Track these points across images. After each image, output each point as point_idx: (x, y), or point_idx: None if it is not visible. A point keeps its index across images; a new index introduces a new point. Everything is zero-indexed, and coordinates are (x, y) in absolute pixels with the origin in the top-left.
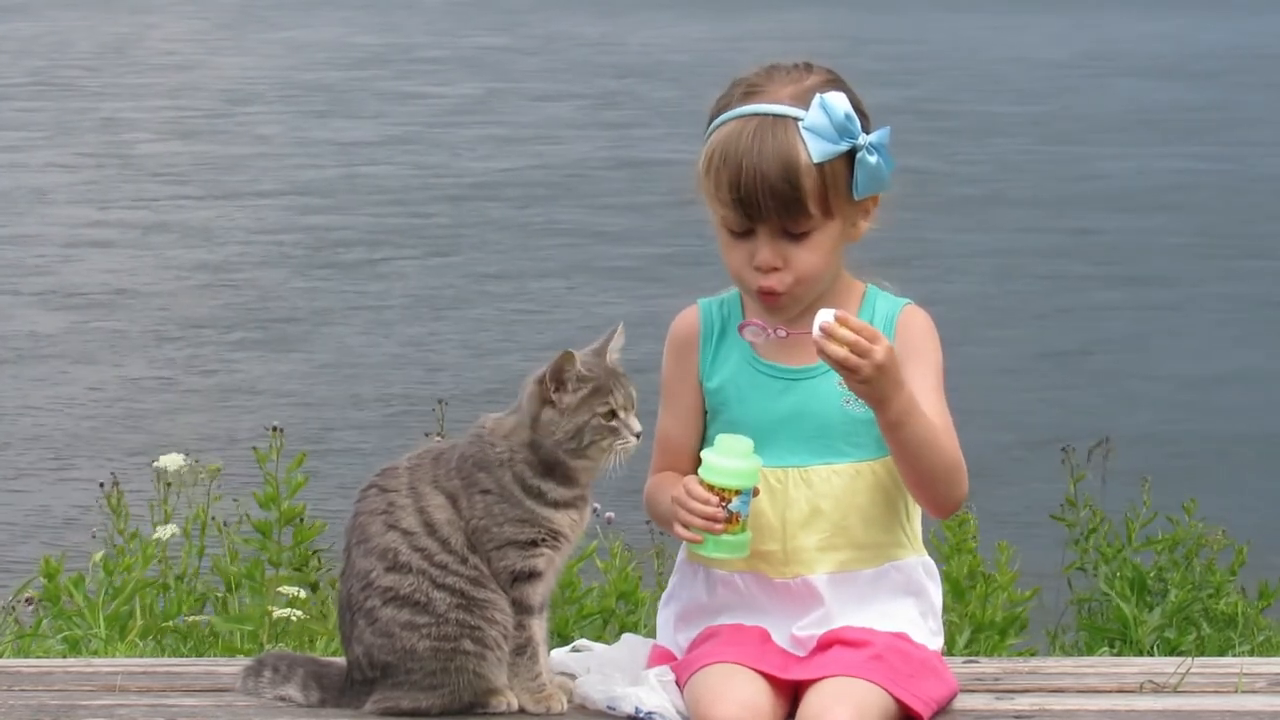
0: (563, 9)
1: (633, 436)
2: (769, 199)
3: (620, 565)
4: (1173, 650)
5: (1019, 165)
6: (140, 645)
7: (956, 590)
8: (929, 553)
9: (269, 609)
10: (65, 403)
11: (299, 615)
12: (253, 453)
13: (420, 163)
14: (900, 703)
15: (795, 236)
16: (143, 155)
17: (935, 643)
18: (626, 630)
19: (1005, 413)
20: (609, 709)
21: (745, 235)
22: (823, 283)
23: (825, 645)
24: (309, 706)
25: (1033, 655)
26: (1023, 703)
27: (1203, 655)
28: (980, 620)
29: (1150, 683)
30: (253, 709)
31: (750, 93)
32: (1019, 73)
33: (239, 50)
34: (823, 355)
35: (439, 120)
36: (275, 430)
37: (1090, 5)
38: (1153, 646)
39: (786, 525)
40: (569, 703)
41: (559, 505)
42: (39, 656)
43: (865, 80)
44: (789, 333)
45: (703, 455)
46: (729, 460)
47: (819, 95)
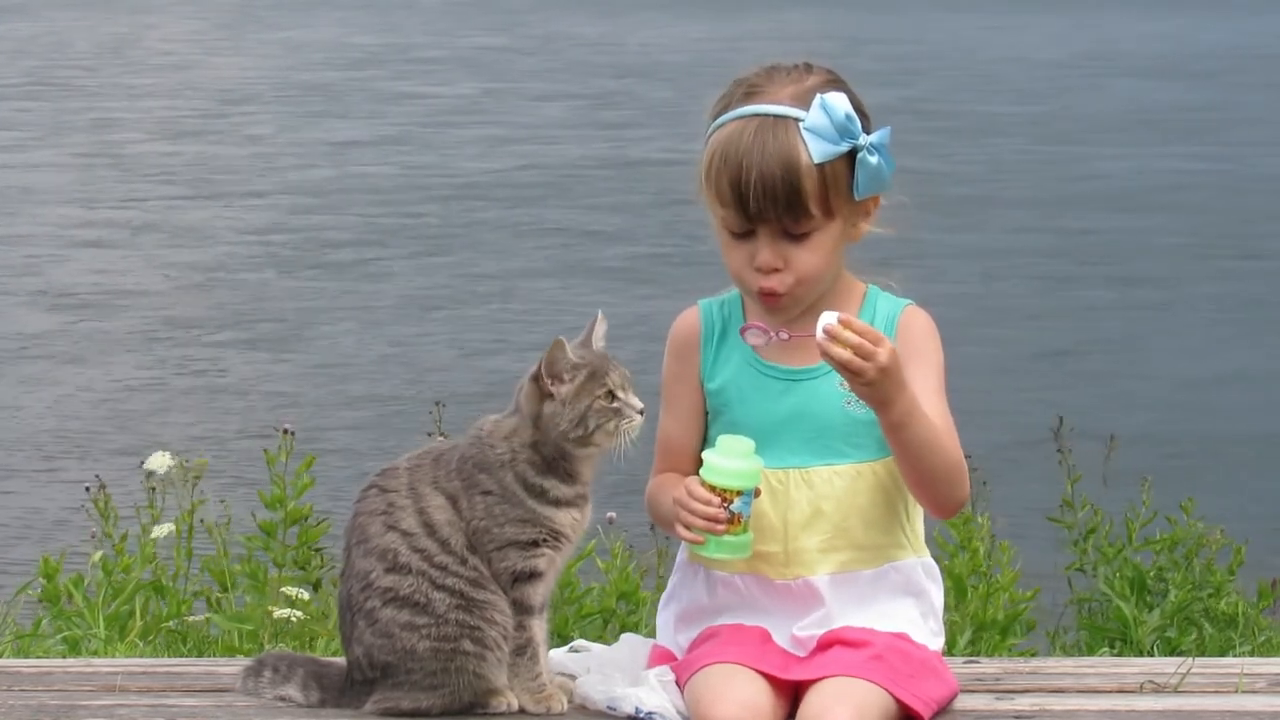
0: (562, 9)
1: (636, 414)
2: (770, 200)
3: (621, 565)
4: (1173, 650)
5: (1015, 165)
6: (140, 645)
7: (959, 589)
8: (932, 552)
9: (269, 609)
10: (54, 403)
11: (299, 616)
12: (243, 452)
13: (412, 163)
14: (900, 703)
15: (796, 237)
16: (134, 155)
17: (936, 643)
18: (626, 630)
19: (999, 413)
20: (609, 709)
21: (746, 236)
22: (823, 284)
23: (825, 645)
24: (309, 706)
25: (1033, 655)
26: (1023, 703)
27: (1203, 655)
28: (981, 620)
29: (1150, 683)
30: (253, 709)
31: (751, 93)
32: (1017, 73)
33: (236, 50)
34: (826, 358)
35: (433, 120)
36: (286, 433)
37: (1090, 5)
38: (1153, 646)
39: (788, 526)
40: (569, 703)
41: (561, 504)
42: (39, 656)
43: (863, 80)
44: (791, 335)
45: (704, 456)
46: (731, 461)
47: (819, 96)
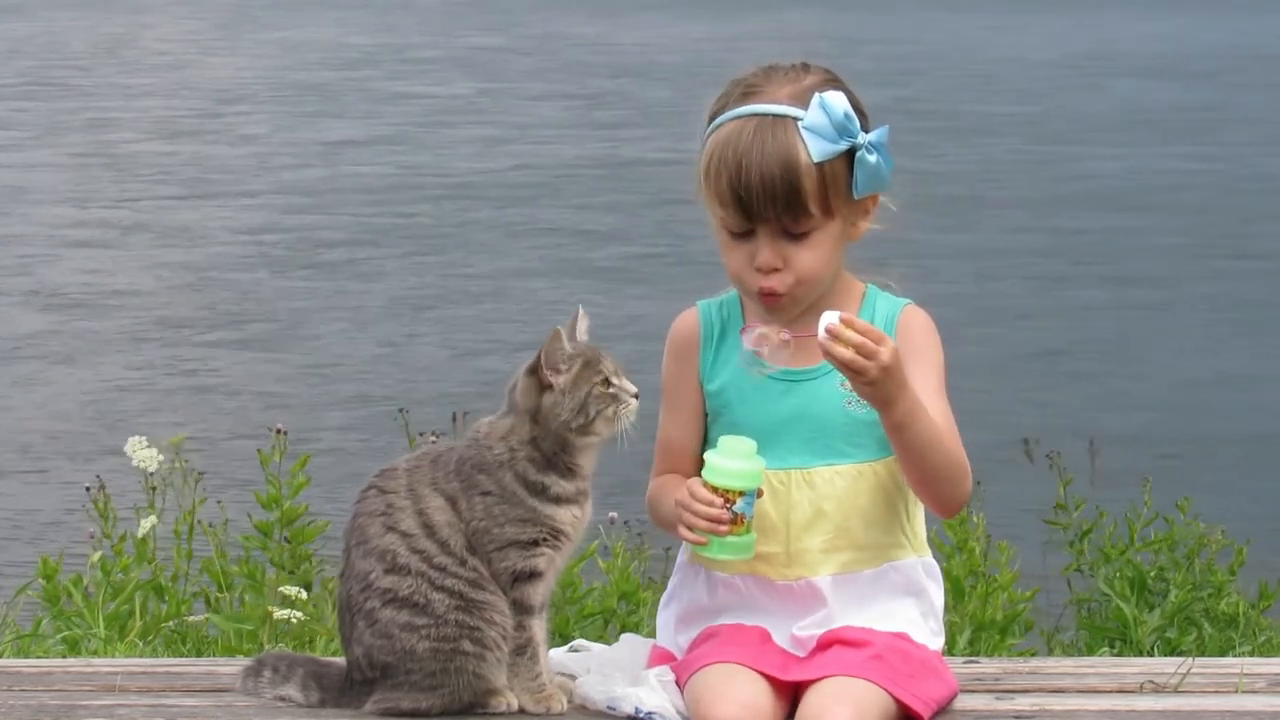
0: (560, 9)
1: (631, 398)
2: (769, 199)
3: (622, 565)
4: (1173, 650)
5: (1010, 165)
6: (140, 645)
7: (958, 590)
8: (933, 552)
9: (269, 609)
10: (44, 403)
11: (299, 616)
12: (234, 452)
13: (405, 163)
14: (900, 703)
15: (795, 236)
16: (127, 155)
17: (936, 643)
18: (627, 630)
19: (992, 412)
20: (609, 709)
21: (745, 236)
22: (823, 283)
23: (825, 645)
24: (309, 707)
25: (1033, 655)
26: (1023, 703)
27: (1203, 655)
28: (981, 620)
29: (1150, 683)
30: (253, 709)
31: (749, 93)
32: (1014, 73)
33: (232, 50)
34: (828, 357)
35: (427, 120)
36: (279, 432)
37: (1090, 5)
38: (1153, 646)
39: (790, 527)
40: (569, 703)
41: (562, 501)
42: (39, 656)
43: (859, 80)
44: (792, 335)
45: (706, 457)
46: (733, 462)
47: (818, 95)
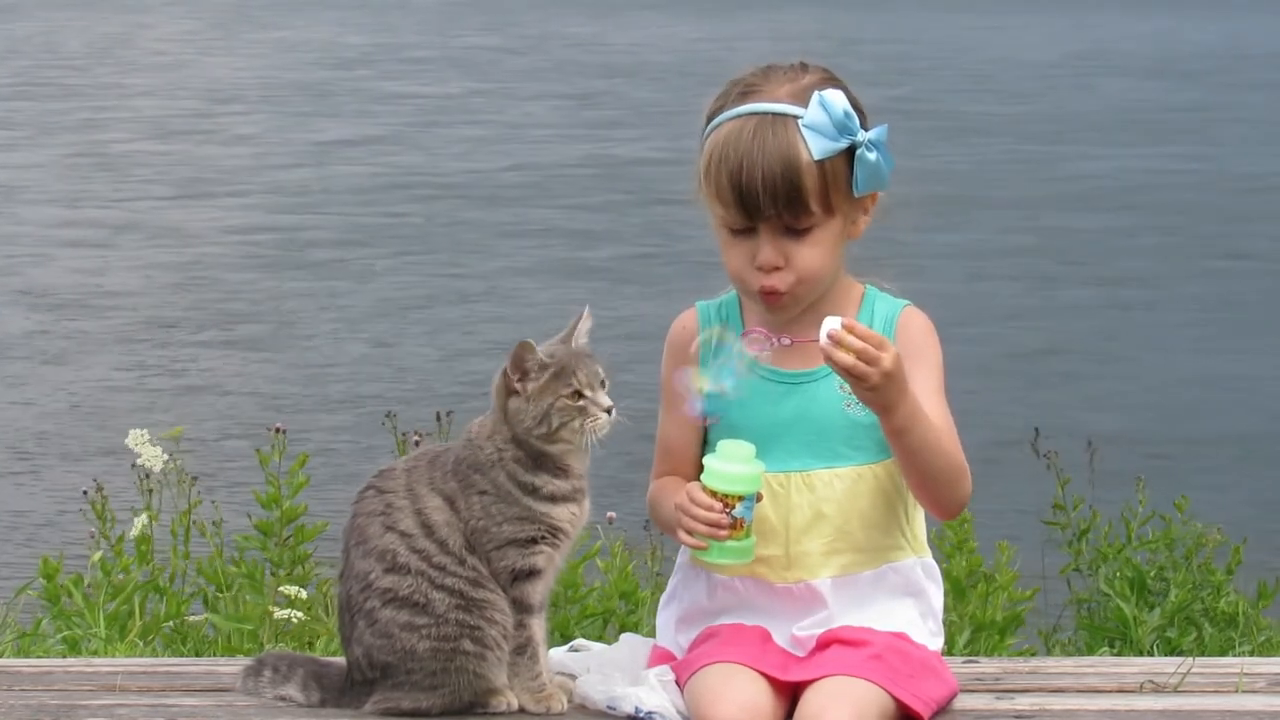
0: (558, 8)
1: (602, 413)
2: (771, 197)
3: (621, 565)
4: (1173, 650)
5: (1000, 165)
6: (140, 645)
7: (958, 590)
8: (933, 553)
9: (269, 609)
10: (34, 403)
11: (299, 616)
12: (225, 452)
13: (396, 163)
14: (900, 702)
15: (797, 235)
16: (118, 155)
17: (935, 644)
18: (627, 630)
19: (980, 412)
20: (609, 709)
21: (746, 235)
22: (824, 282)
23: (824, 645)
24: (309, 706)
25: (1033, 655)
26: (1023, 703)
27: (1203, 655)
28: (980, 620)
29: (1150, 683)
30: (253, 709)
31: (747, 92)
32: (1008, 73)
33: (228, 50)
34: (830, 363)
35: (419, 120)
36: (278, 431)
37: (1091, 5)
38: (1153, 646)
39: (790, 530)
40: (569, 703)
41: (557, 499)
42: (39, 656)
43: (853, 80)
44: (793, 340)
45: (705, 462)
46: (732, 466)
47: (817, 93)
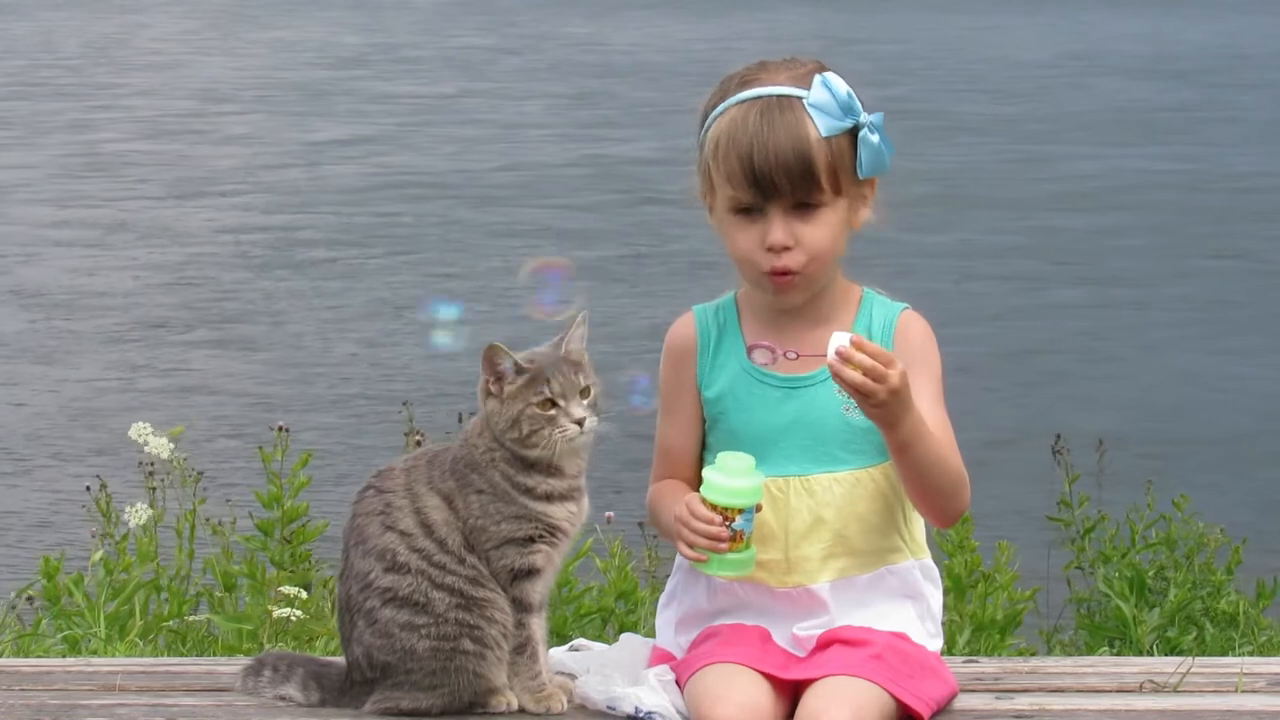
0: (555, 8)
1: (571, 424)
2: (785, 173)
3: (619, 564)
4: (1173, 650)
5: (990, 165)
6: (140, 645)
7: (959, 589)
8: (934, 553)
9: (269, 609)
10: (24, 403)
11: (299, 616)
12: (216, 452)
13: (387, 163)
14: (900, 702)
15: (806, 213)
16: (110, 155)
17: (934, 645)
18: (626, 630)
19: (968, 413)
20: (609, 709)
21: (754, 220)
22: (830, 266)
23: (825, 644)
24: (309, 706)
25: (1033, 655)
26: (1023, 703)
27: (1203, 655)
28: (980, 620)
29: (1150, 682)
30: (253, 709)
31: (747, 82)
32: (1000, 73)
33: (224, 50)
34: (838, 379)
35: (412, 120)
36: (280, 430)
37: (1088, 4)
38: (1153, 646)
39: (789, 535)
40: (569, 702)
41: (552, 498)
42: (39, 656)
43: (847, 79)
44: (799, 354)
45: (705, 474)
46: (731, 479)
47: (819, 75)
